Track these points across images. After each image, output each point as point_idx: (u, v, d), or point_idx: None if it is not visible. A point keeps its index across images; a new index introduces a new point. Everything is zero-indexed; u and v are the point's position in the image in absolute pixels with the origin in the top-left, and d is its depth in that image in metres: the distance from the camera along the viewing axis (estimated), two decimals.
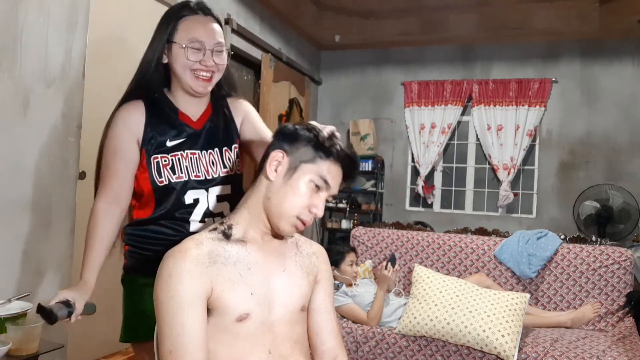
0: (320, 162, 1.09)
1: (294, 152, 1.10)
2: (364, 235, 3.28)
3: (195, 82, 1.33)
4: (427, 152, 5.32)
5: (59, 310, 1.18)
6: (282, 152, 1.10)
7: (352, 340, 2.56)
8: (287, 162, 1.10)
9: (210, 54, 1.33)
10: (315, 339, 1.21)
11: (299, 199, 1.09)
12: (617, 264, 2.79)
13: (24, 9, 2.19)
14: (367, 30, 5.28)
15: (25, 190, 2.23)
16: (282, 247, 1.18)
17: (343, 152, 1.11)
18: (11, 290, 2.09)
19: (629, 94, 4.82)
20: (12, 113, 2.16)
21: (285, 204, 1.09)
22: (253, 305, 1.07)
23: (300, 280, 1.17)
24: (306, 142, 1.10)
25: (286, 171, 1.10)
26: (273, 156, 1.10)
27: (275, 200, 1.10)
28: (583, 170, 4.94)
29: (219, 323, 1.05)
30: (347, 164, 1.12)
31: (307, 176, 1.09)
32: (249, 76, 4.64)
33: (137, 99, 1.36)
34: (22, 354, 1.59)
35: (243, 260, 1.09)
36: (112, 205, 1.32)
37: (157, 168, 1.33)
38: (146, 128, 1.33)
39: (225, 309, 1.04)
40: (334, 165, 1.10)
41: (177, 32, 1.33)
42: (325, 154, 1.09)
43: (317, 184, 1.09)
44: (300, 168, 1.09)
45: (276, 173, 1.10)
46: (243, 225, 1.13)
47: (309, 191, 1.09)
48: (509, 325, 2.36)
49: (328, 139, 1.11)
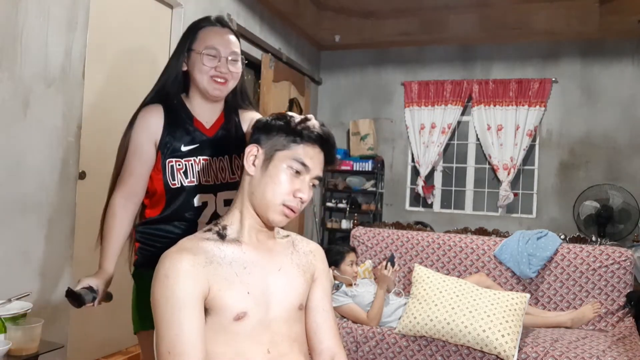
0: (294, 147, 1.10)
1: (268, 142, 1.11)
2: (364, 235, 3.28)
3: (211, 86, 1.41)
4: (427, 152, 5.32)
5: (86, 295, 1.28)
6: (256, 146, 1.12)
7: (352, 340, 2.56)
8: (262, 154, 1.11)
9: (225, 61, 1.41)
10: (314, 338, 1.21)
11: (279, 187, 1.09)
12: (617, 264, 2.79)
13: (24, 9, 2.19)
14: (367, 30, 5.28)
15: (25, 190, 2.23)
16: (277, 246, 1.18)
17: (315, 131, 1.11)
18: (11, 290, 2.09)
19: (629, 94, 4.82)
20: (12, 113, 2.16)
21: (268, 194, 1.09)
22: (250, 304, 1.07)
23: (296, 278, 1.17)
24: (278, 131, 1.11)
25: (262, 162, 1.11)
26: (248, 151, 1.12)
27: (257, 193, 1.11)
28: (583, 170, 4.94)
29: (217, 323, 1.05)
30: (323, 142, 1.12)
31: (284, 163, 1.09)
32: (249, 76, 4.64)
33: (157, 104, 1.45)
34: (22, 354, 1.59)
35: (239, 260, 1.09)
36: (127, 201, 1.41)
37: (172, 172, 1.41)
38: (164, 132, 1.42)
39: (222, 308, 1.04)
40: (309, 147, 1.10)
41: (195, 41, 1.43)
42: (297, 137, 1.10)
43: (295, 168, 1.09)
44: (276, 156, 1.10)
45: (254, 167, 1.11)
46: (236, 225, 1.14)
47: (289, 177, 1.09)
48: (509, 325, 2.36)
49: (299, 123, 1.11)
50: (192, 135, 1.44)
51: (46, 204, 2.34)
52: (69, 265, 2.46)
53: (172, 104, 1.45)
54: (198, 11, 3.51)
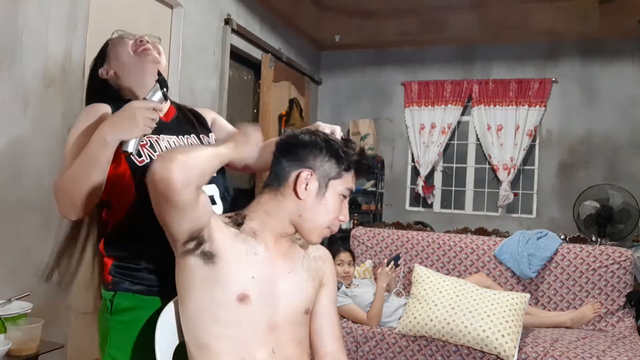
0: (345, 175, 1.13)
1: (319, 168, 1.12)
2: (364, 235, 3.28)
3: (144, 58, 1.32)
4: (427, 152, 5.32)
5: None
6: (309, 171, 1.11)
7: (352, 340, 2.56)
8: (315, 179, 1.11)
9: (140, 37, 1.35)
10: (318, 342, 1.22)
11: (332, 214, 1.13)
12: (617, 264, 2.79)
13: (24, 9, 2.19)
14: (367, 30, 5.28)
15: (25, 190, 2.23)
16: (290, 249, 1.19)
17: (361, 160, 1.16)
18: (11, 290, 2.09)
19: (629, 94, 4.82)
20: (12, 113, 2.16)
21: (319, 220, 1.12)
22: (253, 290, 1.07)
23: (306, 283, 1.18)
24: (329, 157, 1.12)
25: (317, 189, 1.11)
26: (303, 177, 1.11)
27: (308, 217, 1.12)
28: (583, 170, 4.94)
29: (220, 299, 1.05)
30: (366, 169, 1.19)
31: (337, 191, 1.13)
32: (249, 76, 4.64)
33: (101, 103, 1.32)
34: (22, 354, 1.60)
35: (252, 244, 1.10)
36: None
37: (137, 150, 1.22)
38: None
39: (225, 280, 1.04)
40: (354, 173, 1.16)
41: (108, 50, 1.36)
42: (348, 165, 1.13)
43: (344, 195, 1.14)
44: (330, 185, 1.12)
45: (307, 191, 1.11)
46: (258, 222, 1.13)
47: (338, 203, 1.14)
48: (509, 325, 2.36)
49: (345, 149, 1.14)
50: None
51: (46, 204, 2.34)
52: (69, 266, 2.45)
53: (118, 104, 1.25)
54: (198, 11, 3.51)
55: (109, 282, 1.26)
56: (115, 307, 1.24)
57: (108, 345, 1.24)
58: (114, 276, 1.25)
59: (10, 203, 2.16)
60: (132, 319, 1.23)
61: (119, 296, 1.24)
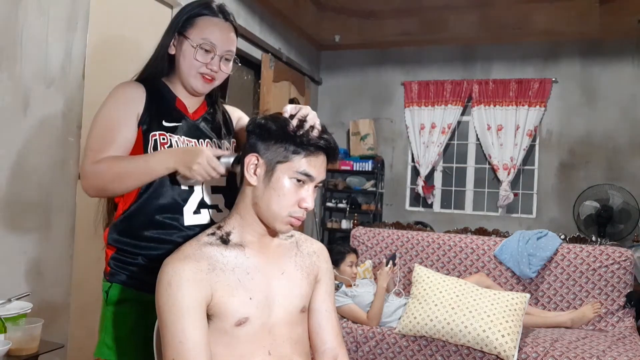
0: (296, 158, 1.06)
1: (267, 152, 1.07)
2: (364, 235, 3.28)
3: (197, 82, 1.30)
4: (427, 152, 5.32)
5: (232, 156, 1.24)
6: (255, 156, 1.08)
7: (352, 340, 2.56)
8: (263, 164, 1.08)
9: (219, 59, 1.30)
10: (316, 338, 1.21)
11: (284, 199, 1.07)
12: (617, 264, 2.79)
13: (24, 9, 2.19)
14: (367, 30, 5.28)
15: (25, 191, 2.23)
16: (281, 248, 1.18)
17: (314, 141, 1.06)
18: (11, 290, 2.09)
19: (629, 94, 4.82)
20: (12, 113, 2.16)
21: (273, 206, 1.07)
22: (252, 309, 1.07)
23: (300, 281, 1.17)
24: (276, 139, 1.06)
25: (264, 174, 1.07)
26: (248, 161, 1.08)
27: (262, 204, 1.09)
28: (583, 170, 4.94)
29: (219, 327, 1.05)
30: (325, 150, 1.09)
31: (286, 175, 1.06)
32: (249, 76, 4.64)
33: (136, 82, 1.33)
34: (22, 354, 1.59)
35: (242, 266, 1.09)
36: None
37: (154, 145, 1.26)
38: (146, 105, 1.28)
39: (224, 314, 1.05)
40: (312, 157, 1.07)
41: (191, 28, 1.29)
42: (298, 149, 1.06)
43: (298, 179, 1.06)
44: (277, 169, 1.06)
45: (256, 176, 1.08)
46: (239, 230, 1.13)
47: (293, 188, 1.07)
48: (509, 325, 2.36)
49: (297, 130, 1.06)
50: (174, 114, 1.31)
51: (46, 204, 2.34)
52: (69, 266, 2.46)
53: (153, 83, 1.32)
54: None
55: (107, 272, 1.30)
56: (110, 298, 1.28)
57: (104, 332, 1.29)
58: (112, 268, 1.29)
59: (10, 203, 2.16)
60: (125, 311, 1.27)
61: (114, 288, 1.28)
